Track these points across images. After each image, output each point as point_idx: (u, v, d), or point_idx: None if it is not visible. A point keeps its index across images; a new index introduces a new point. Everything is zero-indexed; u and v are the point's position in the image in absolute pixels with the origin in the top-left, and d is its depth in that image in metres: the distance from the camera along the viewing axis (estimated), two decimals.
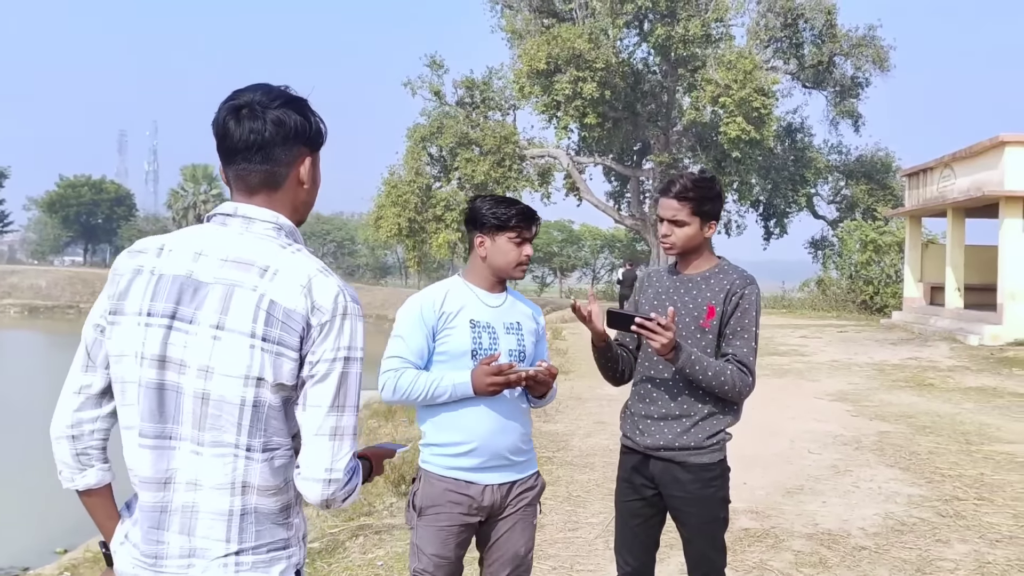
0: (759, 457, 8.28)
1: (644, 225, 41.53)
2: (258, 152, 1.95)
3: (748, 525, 6.10)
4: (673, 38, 35.45)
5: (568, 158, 40.00)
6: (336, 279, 1.95)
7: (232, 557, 1.91)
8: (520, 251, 3.27)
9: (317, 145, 2.06)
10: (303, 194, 2.05)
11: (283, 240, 1.97)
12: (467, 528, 3.23)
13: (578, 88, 34.33)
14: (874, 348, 18.62)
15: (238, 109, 1.96)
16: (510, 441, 3.23)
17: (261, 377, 1.86)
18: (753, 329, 3.27)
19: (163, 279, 1.92)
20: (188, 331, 1.89)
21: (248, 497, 1.90)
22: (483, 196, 3.39)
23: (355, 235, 69.65)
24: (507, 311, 3.32)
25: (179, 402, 1.89)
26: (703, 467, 3.28)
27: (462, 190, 37.83)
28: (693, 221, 3.27)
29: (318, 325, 1.88)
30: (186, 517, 1.91)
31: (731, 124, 33.71)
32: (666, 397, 3.30)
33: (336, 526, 6.18)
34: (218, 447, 1.89)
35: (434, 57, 39.20)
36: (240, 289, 1.88)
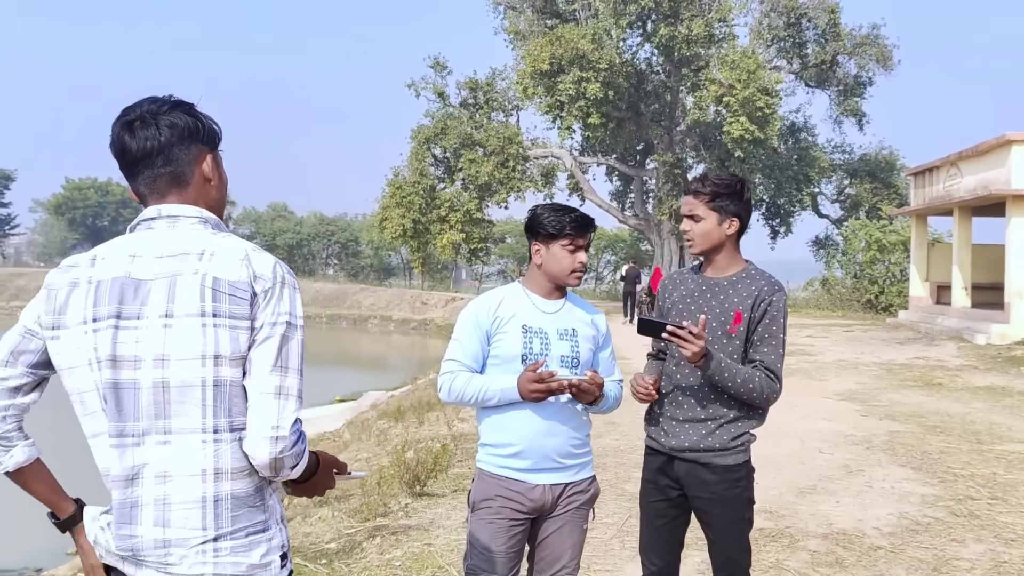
0: (771, 457, 8.28)
1: (648, 225, 41.55)
2: (159, 156, 2.02)
3: (763, 525, 6.11)
4: (676, 38, 35.48)
5: (571, 158, 40.05)
6: (271, 257, 2.02)
7: (210, 544, 1.93)
8: (574, 258, 3.30)
9: (214, 143, 2.13)
10: (212, 191, 2.12)
11: (211, 230, 2.03)
12: (518, 524, 3.26)
13: (581, 88, 34.36)
14: (881, 347, 18.62)
15: (130, 123, 2.02)
16: (558, 444, 3.26)
17: (218, 354, 1.91)
18: (781, 336, 3.29)
19: (102, 284, 1.96)
20: (137, 326, 1.93)
21: (221, 483, 1.94)
22: (543, 204, 3.43)
23: (360, 236, 69.65)
24: (563, 317, 3.35)
25: (137, 397, 1.92)
26: (728, 468, 3.30)
27: (466, 191, 37.91)
28: (709, 216, 3.29)
29: (262, 292, 1.95)
30: (159, 510, 1.94)
31: (735, 124, 33.73)
32: (692, 401, 3.31)
33: (352, 527, 6.21)
34: (185, 433, 1.92)
35: (437, 58, 39.38)
36: (182, 277, 1.93)
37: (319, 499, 7.50)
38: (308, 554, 5.65)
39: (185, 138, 2.04)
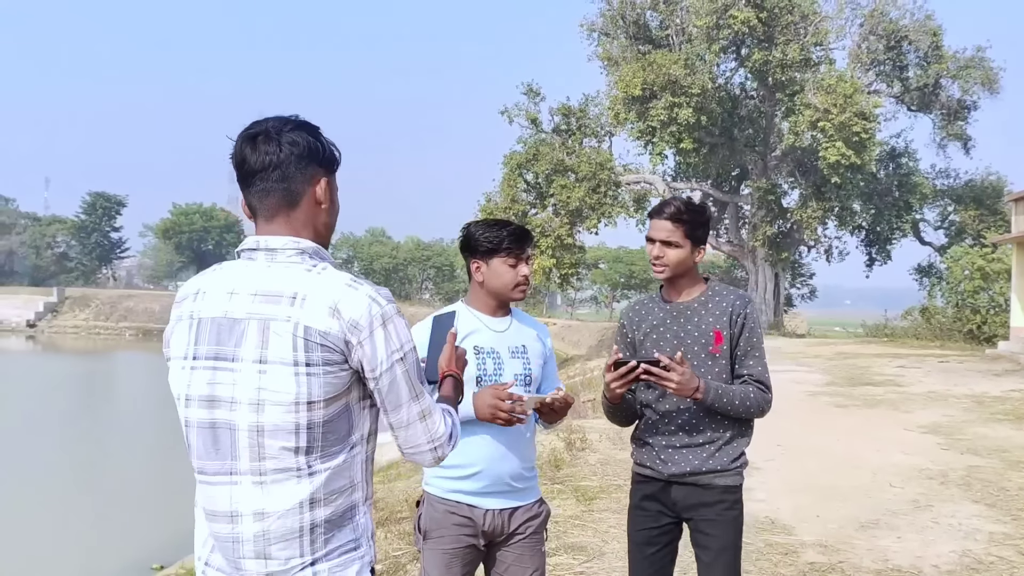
0: (837, 489, 8.09)
1: (742, 251, 41.02)
2: (275, 171, 2.05)
3: (814, 559, 5.96)
4: (771, 63, 35.12)
5: (664, 184, 39.82)
6: (366, 289, 2.03)
7: (309, 569, 2.02)
8: (516, 272, 3.26)
9: (331, 167, 2.14)
10: (323, 215, 2.13)
11: (308, 263, 2.05)
12: (471, 551, 3.23)
13: (673, 114, 34.25)
14: (975, 379, 17.97)
15: (254, 136, 2.06)
16: (512, 467, 3.23)
17: (311, 400, 1.97)
18: (762, 346, 3.32)
19: (202, 323, 2.04)
20: (234, 369, 2.00)
21: (316, 511, 2.01)
22: (476, 221, 3.40)
23: (454, 261, 70.35)
24: (512, 335, 3.31)
25: (234, 438, 2.01)
26: (727, 489, 3.28)
27: (557, 216, 37.99)
28: (685, 244, 3.27)
29: (357, 342, 1.98)
30: (259, 544, 2.02)
31: (830, 149, 33.18)
32: (687, 428, 3.29)
33: (400, 549, 6.27)
34: (280, 473, 1.99)
35: (531, 85, 39.64)
36: (275, 322, 1.97)
37: (375, 520, 7.60)
38: None
39: (303, 157, 2.06)
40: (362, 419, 2.08)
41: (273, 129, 2.06)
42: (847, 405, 14.19)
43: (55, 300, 65.29)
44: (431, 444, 2.10)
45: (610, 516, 6.98)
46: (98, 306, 63.91)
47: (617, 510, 7.18)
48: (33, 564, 10.61)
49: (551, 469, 8.72)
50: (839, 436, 11.21)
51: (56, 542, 11.53)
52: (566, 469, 8.86)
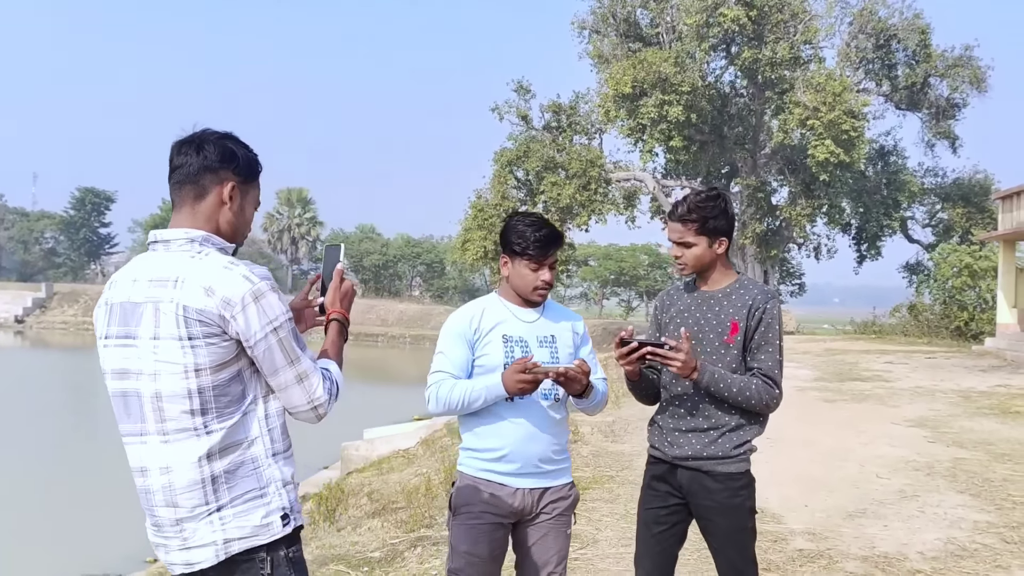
0: (825, 480, 8.22)
1: (731, 249, 41.07)
2: (190, 170, 2.40)
3: (803, 546, 6.09)
4: (760, 61, 35.25)
5: (654, 181, 39.93)
6: (241, 269, 2.31)
7: (215, 514, 2.30)
8: (536, 276, 3.36)
9: (246, 176, 2.48)
10: (227, 213, 2.44)
11: (194, 250, 2.35)
12: (499, 528, 3.34)
13: (664, 111, 34.33)
14: (962, 375, 18.14)
15: (181, 142, 2.43)
16: (540, 449, 3.33)
17: (198, 368, 2.27)
18: (777, 342, 3.36)
19: (113, 307, 2.40)
20: (136, 345, 2.33)
21: (214, 463, 2.30)
22: (519, 215, 3.49)
23: (444, 258, 70.42)
24: (542, 325, 3.43)
25: (140, 404, 2.33)
26: (730, 476, 3.35)
27: (547, 213, 37.98)
28: (700, 240, 3.37)
29: (231, 316, 2.27)
30: (167, 494, 2.32)
31: (820, 147, 33.29)
32: (694, 412, 3.39)
33: (397, 537, 6.38)
34: (180, 433, 2.30)
35: (521, 82, 39.62)
36: (163, 303, 2.29)
37: (371, 510, 7.71)
38: (352, 562, 5.83)
39: (215, 162, 2.40)
40: (254, 382, 2.37)
41: (198, 138, 2.42)
42: (835, 400, 14.33)
43: (43, 296, 65.03)
44: (310, 404, 2.38)
45: (603, 506, 7.09)
46: (87, 302, 63.56)
47: (609, 500, 7.30)
48: (27, 558, 10.67)
49: None
50: (827, 429, 11.34)
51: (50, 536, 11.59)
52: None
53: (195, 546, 2.31)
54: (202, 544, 2.30)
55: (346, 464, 13.64)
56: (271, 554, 2.33)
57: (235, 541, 2.30)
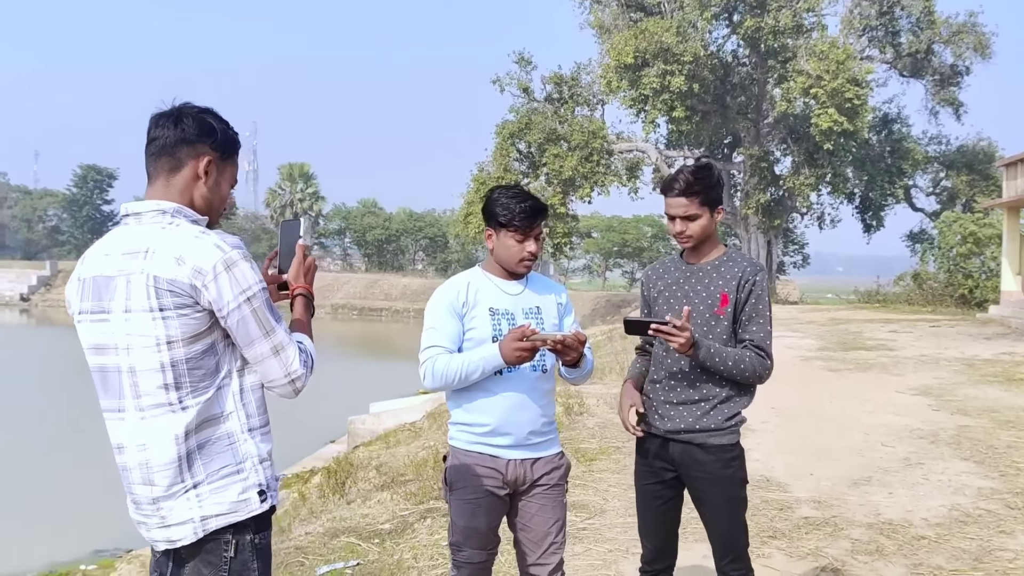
0: (829, 449, 8.27)
1: (735, 219, 41.12)
2: (166, 143, 2.36)
3: (808, 514, 6.14)
4: (763, 29, 35.07)
5: (657, 152, 39.84)
6: (212, 238, 2.27)
7: (192, 491, 2.28)
8: (522, 247, 3.36)
9: (224, 152, 2.43)
10: (201, 187, 2.39)
11: (165, 221, 2.31)
12: (495, 501, 3.37)
13: (666, 82, 34.22)
14: (966, 343, 18.17)
15: (159, 115, 2.39)
16: (530, 420, 3.36)
17: (171, 340, 2.23)
18: (767, 313, 3.40)
19: (85, 282, 2.37)
20: (109, 320, 2.30)
21: (190, 440, 2.27)
22: (500, 188, 3.46)
23: (447, 231, 70.37)
24: (526, 297, 3.44)
25: (120, 379, 2.30)
26: (722, 448, 3.39)
27: (550, 185, 37.97)
28: (704, 212, 3.38)
29: (202, 285, 2.22)
30: (144, 472, 2.30)
31: (823, 115, 33.22)
32: (685, 384, 3.41)
33: (407, 509, 6.43)
34: (156, 408, 2.26)
35: (522, 54, 39.45)
36: (134, 275, 2.25)
37: (380, 483, 7.77)
38: (363, 534, 5.89)
39: (192, 136, 2.35)
40: (228, 355, 2.33)
41: (176, 111, 2.38)
42: (840, 369, 14.38)
43: (48, 274, 65.14)
44: (287, 377, 2.34)
45: (610, 476, 7.15)
46: None
47: (616, 470, 7.35)
48: (37, 534, 10.77)
49: None
50: (832, 399, 11.38)
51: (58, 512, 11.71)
52: (565, 432, 9.02)
53: (173, 524, 2.27)
54: (180, 522, 2.27)
55: (353, 438, 13.72)
56: (237, 537, 2.30)
57: (212, 518, 2.27)
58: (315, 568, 5.23)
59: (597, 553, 5.33)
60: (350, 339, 44.97)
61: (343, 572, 5.12)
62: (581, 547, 5.41)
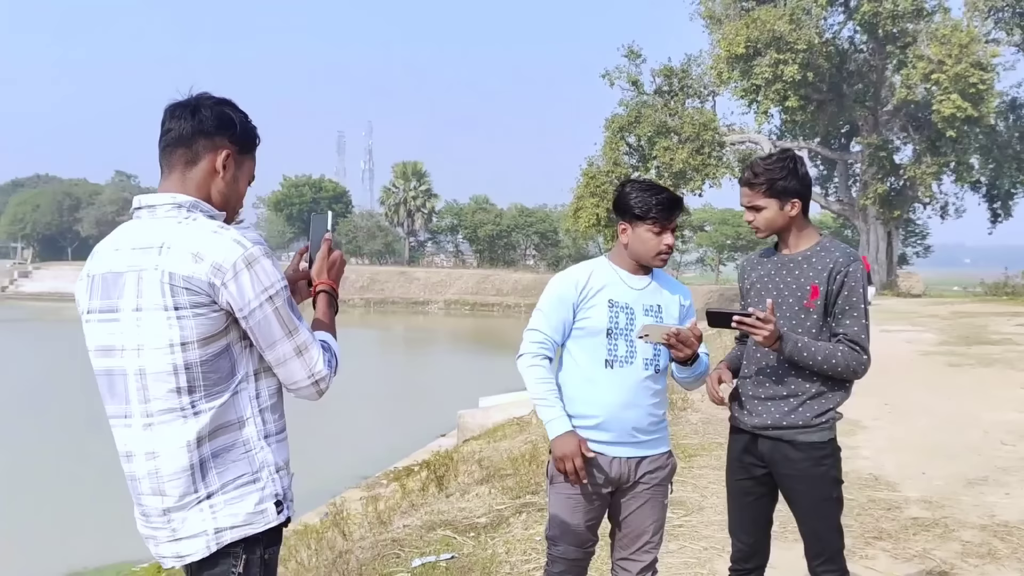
0: (945, 447, 7.95)
1: (852, 210, 40.04)
2: (182, 135, 2.24)
3: (918, 514, 5.91)
4: (881, 14, 33.97)
5: (770, 143, 39.01)
6: (231, 234, 2.15)
7: (205, 502, 2.14)
8: (659, 240, 3.28)
9: (242, 145, 2.32)
10: (219, 182, 2.27)
11: (181, 215, 2.18)
12: (595, 497, 3.33)
13: (779, 71, 33.54)
14: None
15: (176, 106, 2.27)
16: (636, 419, 3.29)
17: (184, 341, 2.10)
18: (862, 306, 3.23)
19: (94, 280, 2.23)
20: (118, 319, 2.17)
21: (203, 448, 2.14)
22: (632, 181, 3.41)
23: (558, 226, 70.34)
24: (650, 294, 3.36)
25: (126, 383, 2.17)
26: (813, 445, 3.26)
27: (660, 179, 37.50)
28: (770, 203, 3.26)
29: (221, 283, 2.09)
30: (153, 482, 2.16)
31: (945, 102, 32.03)
32: (773, 379, 3.30)
33: (504, 503, 6.44)
34: (167, 414, 2.13)
35: (631, 47, 39.12)
36: (146, 271, 2.12)
37: (481, 477, 7.81)
38: (459, 527, 5.92)
39: (210, 128, 2.24)
40: (244, 358, 2.20)
41: (194, 101, 2.26)
42: (961, 364, 13.82)
43: None
44: (311, 379, 2.21)
45: (710, 472, 7.03)
46: None
47: (717, 467, 7.22)
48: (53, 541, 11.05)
49: None
50: (950, 395, 10.96)
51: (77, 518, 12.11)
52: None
53: (185, 537, 2.15)
54: (192, 535, 2.14)
55: (462, 432, 13.85)
56: (247, 552, 2.18)
57: (227, 531, 2.15)
58: (410, 560, 5.28)
59: (692, 551, 5.24)
60: (462, 334, 45.47)
61: (437, 565, 5.16)
62: (676, 544, 5.33)
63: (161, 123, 2.27)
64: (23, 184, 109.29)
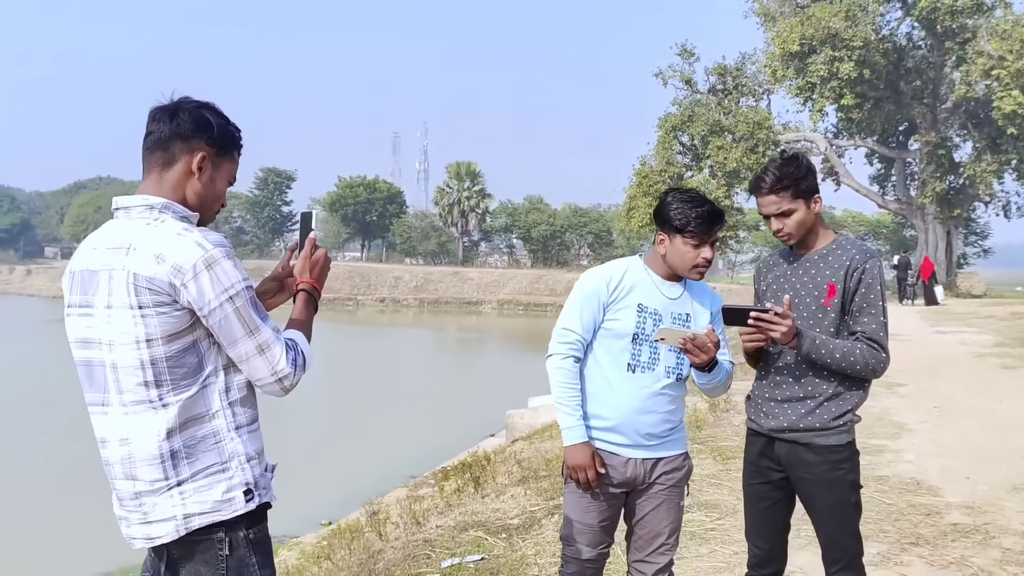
0: (992, 452, 7.79)
1: (911, 209, 39.37)
2: (160, 138, 2.31)
3: (958, 520, 5.79)
4: (939, 9, 33.38)
5: (826, 142, 38.55)
6: (194, 236, 2.22)
7: (175, 489, 2.25)
8: (697, 254, 3.24)
9: (221, 148, 2.38)
10: (195, 183, 2.34)
11: (151, 216, 2.27)
12: (610, 498, 3.32)
13: (834, 68, 33.14)
14: None
15: (158, 109, 2.34)
16: (649, 423, 3.28)
17: (149, 338, 2.20)
18: (880, 304, 3.17)
19: (75, 276, 2.34)
20: (92, 314, 2.28)
21: (173, 439, 2.23)
22: (675, 191, 3.36)
23: (611, 226, 70.10)
24: (681, 303, 3.33)
25: (104, 374, 2.28)
26: (830, 449, 3.20)
27: (714, 178, 37.32)
28: (798, 204, 3.20)
29: (182, 284, 2.18)
30: (126, 467, 2.27)
31: (1006, 98, 31.39)
32: (789, 380, 3.26)
33: (537, 504, 6.45)
34: (138, 405, 2.24)
35: (685, 46, 38.90)
36: (116, 271, 2.22)
37: (519, 478, 7.81)
38: (491, 528, 5.93)
39: (187, 131, 2.31)
40: (212, 354, 2.28)
41: (173, 105, 2.33)
42: (1016, 367, 13.53)
43: None
44: (274, 376, 2.27)
45: None
46: None
47: None
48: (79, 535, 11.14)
49: (692, 430, 8.71)
50: (1003, 398, 10.72)
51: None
52: (708, 430, 8.85)
53: (155, 520, 2.25)
54: (162, 519, 2.24)
55: (511, 432, 13.86)
56: (229, 534, 2.26)
57: (195, 516, 2.24)
58: (440, 561, 5.31)
59: (722, 555, 5.19)
60: (514, 334, 45.48)
61: (466, 566, 5.18)
62: (707, 548, 5.29)
63: (145, 126, 2.35)
64: (85, 186, 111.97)
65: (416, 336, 42.56)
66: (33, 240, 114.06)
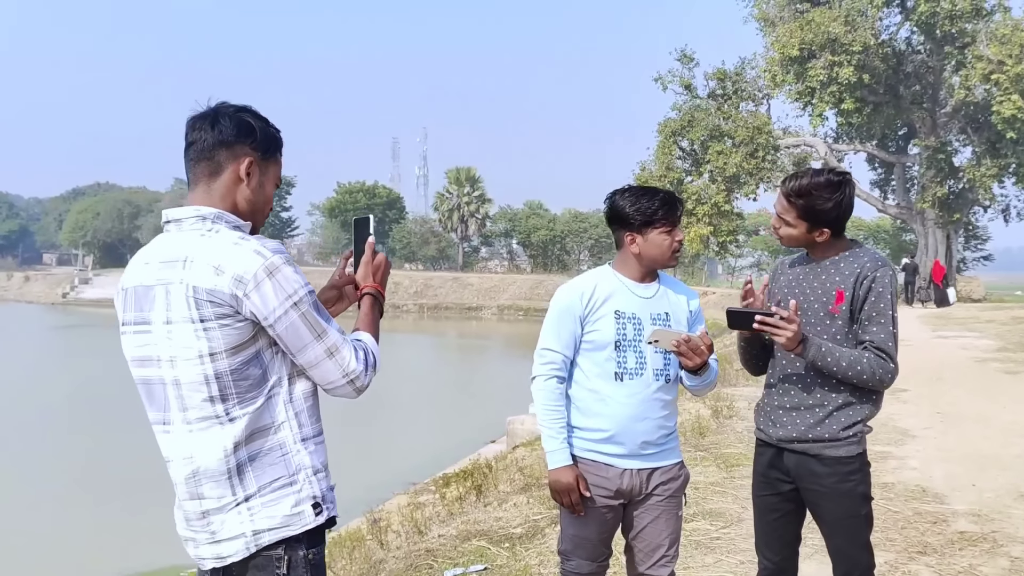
0: (998, 458, 7.75)
1: (911, 214, 39.32)
2: (205, 147, 2.26)
3: (965, 528, 5.75)
4: (939, 14, 33.29)
5: (826, 146, 38.49)
6: (252, 244, 2.17)
7: (243, 504, 2.19)
8: (672, 239, 3.26)
9: (265, 151, 2.33)
10: (244, 190, 2.29)
11: (204, 227, 2.22)
12: (608, 511, 3.28)
13: (833, 73, 33.08)
14: None
15: (197, 116, 2.29)
16: (645, 430, 3.25)
17: (213, 352, 2.14)
18: (890, 313, 3.11)
19: (128, 292, 2.28)
20: (150, 331, 2.22)
21: (239, 452, 2.18)
22: (621, 191, 3.35)
23: None
24: (657, 301, 3.31)
25: (165, 392, 2.22)
26: (839, 460, 3.15)
27: (713, 183, 37.28)
28: (799, 224, 3.16)
29: (244, 294, 2.12)
30: (191, 486, 2.23)
31: (1006, 103, 31.27)
32: (798, 388, 3.21)
33: (540, 513, 6.40)
34: (203, 421, 2.19)
35: (684, 51, 38.86)
36: (173, 284, 2.17)
37: (522, 485, 7.77)
38: (494, 537, 5.89)
39: (231, 137, 2.26)
40: (276, 363, 2.23)
41: (212, 112, 2.28)
42: (1018, 371, 13.50)
43: None
44: (346, 378, 2.24)
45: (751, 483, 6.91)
46: None
47: None
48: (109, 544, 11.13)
49: (695, 437, 8.67)
50: (1006, 403, 10.70)
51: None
52: (711, 436, 8.80)
53: (224, 539, 2.20)
54: (231, 536, 2.19)
55: (511, 438, 13.81)
56: (289, 553, 2.21)
57: (265, 532, 2.18)
58: (442, 571, 5.26)
59: (728, 564, 5.15)
60: (514, 339, 45.38)
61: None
62: (712, 558, 5.25)
63: (185, 136, 2.30)
64: (84, 192, 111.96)
65: (416, 341, 42.50)
66: (31, 246, 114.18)
